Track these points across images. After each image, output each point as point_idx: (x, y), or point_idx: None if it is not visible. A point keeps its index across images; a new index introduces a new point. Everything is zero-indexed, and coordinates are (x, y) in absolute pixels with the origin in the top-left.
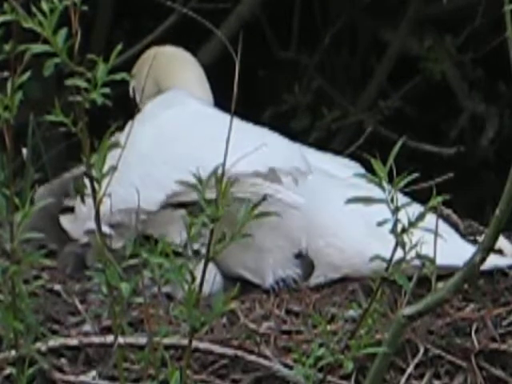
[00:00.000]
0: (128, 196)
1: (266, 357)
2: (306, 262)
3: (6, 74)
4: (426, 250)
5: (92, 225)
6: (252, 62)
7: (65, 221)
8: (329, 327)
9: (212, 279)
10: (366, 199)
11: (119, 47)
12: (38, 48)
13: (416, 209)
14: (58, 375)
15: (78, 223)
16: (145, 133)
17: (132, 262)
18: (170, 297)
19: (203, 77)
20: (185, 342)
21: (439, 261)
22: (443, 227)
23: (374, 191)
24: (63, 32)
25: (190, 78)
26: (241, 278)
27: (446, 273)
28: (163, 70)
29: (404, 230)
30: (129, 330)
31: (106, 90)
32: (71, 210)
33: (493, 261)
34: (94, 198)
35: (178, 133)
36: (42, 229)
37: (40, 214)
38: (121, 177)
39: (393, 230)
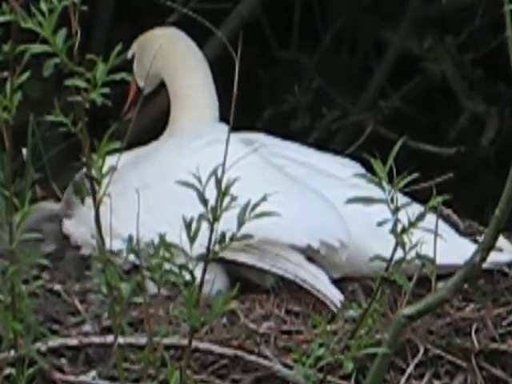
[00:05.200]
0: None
1: (265, 357)
2: None
3: (5, 74)
4: (426, 250)
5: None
6: (252, 62)
7: (68, 225)
8: (329, 327)
9: (213, 279)
10: (366, 199)
11: (119, 47)
12: (37, 48)
13: (416, 209)
14: (58, 375)
15: (82, 231)
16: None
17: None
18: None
19: (205, 65)
20: (185, 342)
21: (440, 260)
22: (443, 227)
23: (375, 191)
24: (63, 32)
25: (196, 75)
26: (241, 277)
27: (446, 272)
28: (166, 58)
29: (404, 230)
30: (129, 330)
31: (106, 90)
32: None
33: (493, 257)
34: (94, 198)
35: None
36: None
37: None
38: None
39: (393, 230)
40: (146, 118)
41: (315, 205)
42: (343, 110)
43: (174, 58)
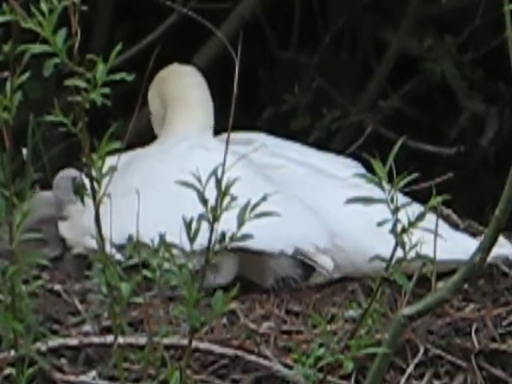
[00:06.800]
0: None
1: (266, 357)
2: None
3: (5, 74)
4: (426, 249)
5: (93, 243)
6: (252, 62)
7: (63, 228)
8: (329, 327)
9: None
10: (366, 199)
11: (119, 47)
12: (37, 48)
13: (416, 209)
14: (58, 375)
15: (75, 232)
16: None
17: (132, 262)
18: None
19: (208, 98)
20: (185, 342)
21: (440, 255)
22: (443, 226)
23: (375, 191)
24: (63, 32)
25: (193, 100)
26: (241, 277)
27: (447, 270)
28: (167, 88)
29: (404, 230)
30: (129, 330)
31: (106, 90)
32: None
33: (494, 251)
34: (94, 198)
35: None
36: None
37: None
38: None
39: (393, 230)
40: (146, 117)
41: (294, 211)
42: (343, 109)
43: (171, 79)
